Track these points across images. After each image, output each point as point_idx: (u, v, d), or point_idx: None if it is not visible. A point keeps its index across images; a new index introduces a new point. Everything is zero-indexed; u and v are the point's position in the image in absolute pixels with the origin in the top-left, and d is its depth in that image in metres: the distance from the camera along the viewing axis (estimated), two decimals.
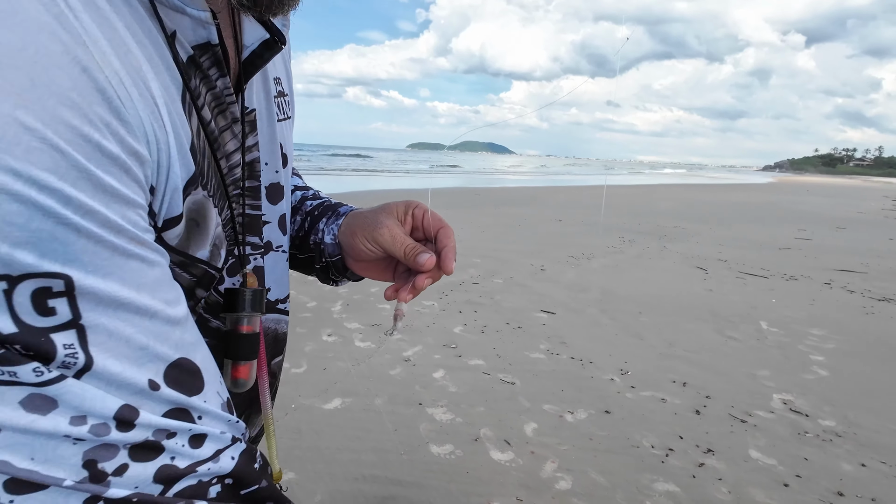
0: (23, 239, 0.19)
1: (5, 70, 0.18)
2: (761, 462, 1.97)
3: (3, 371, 0.20)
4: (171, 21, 0.28)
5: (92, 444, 0.22)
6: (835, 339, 3.38)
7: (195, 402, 0.26)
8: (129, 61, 0.24)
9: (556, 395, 2.45)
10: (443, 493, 1.72)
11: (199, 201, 0.31)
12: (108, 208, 0.21)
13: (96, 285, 0.21)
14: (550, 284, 4.53)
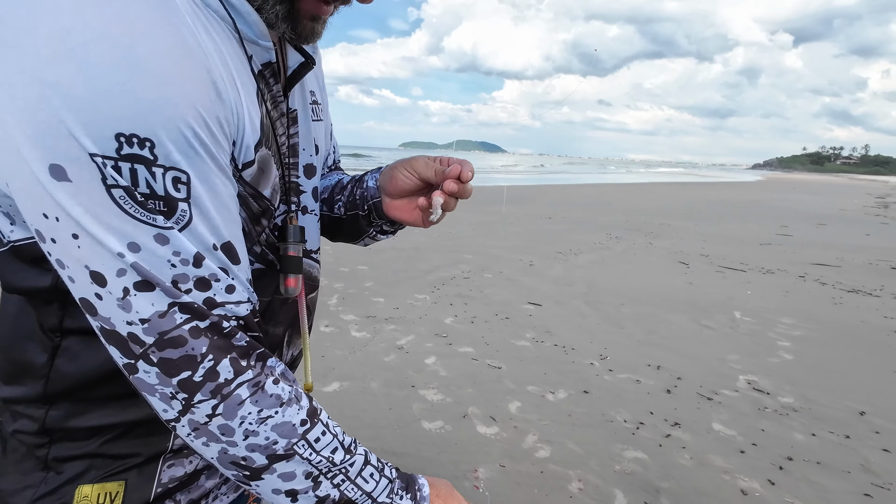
0: (175, 149, 0.35)
1: (176, 71, 0.35)
2: (722, 433, 2.17)
3: (147, 216, 0.36)
4: (250, 48, 0.45)
5: (179, 269, 0.37)
6: (802, 327, 3.61)
7: (233, 268, 0.42)
8: (228, 68, 0.41)
9: (540, 378, 2.64)
10: (433, 462, 1.90)
11: (265, 156, 0.46)
12: (217, 148, 0.38)
13: (199, 183, 0.38)
14: (538, 279, 4.72)
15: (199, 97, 0.36)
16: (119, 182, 0.34)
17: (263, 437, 0.41)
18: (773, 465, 1.95)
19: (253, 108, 0.44)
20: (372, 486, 0.46)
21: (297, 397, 0.44)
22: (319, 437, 0.44)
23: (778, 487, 1.82)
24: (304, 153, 0.56)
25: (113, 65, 0.32)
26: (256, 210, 0.47)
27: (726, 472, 1.90)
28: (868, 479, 1.89)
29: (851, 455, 2.04)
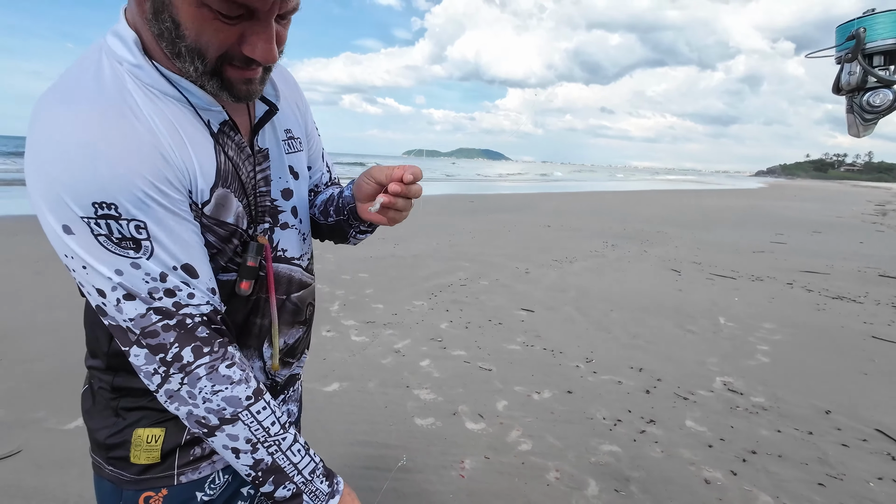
0: (131, 206, 0.51)
1: (124, 154, 0.50)
2: (693, 429, 2.34)
3: (123, 251, 0.52)
4: (205, 115, 0.60)
5: (150, 284, 0.54)
6: (782, 332, 3.77)
7: (192, 281, 0.57)
8: (178, 138, 0.55)
9: (527, 379, 2.82)
10: (423, 454, 2.07)
11: (222, 193, 0.61)
12: (167, 200, 0.53)
13: (154, 226, 0.53)
14: (532, 286, 4.90)
15: (146, 168, 0.52)
16: (101, 232, 0.52)
17: (216, 404, 0.58)
18: (737, 458, 2.11)
19: (206, 161, 0.59)
20: (298, 459, 0.62)
21: (246, 379, 0.60)
22: (260, 410, 0.60)
23: (739, 477, 1.98)
24: (279, 181, 0.71)
25: (83, 159, 0.50)
26: (223, 234, 0.62)
27: (693, 463, 2.07)
28: (824, 470, 2.05)
29: (811, 449, 2.20)
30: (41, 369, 2.71)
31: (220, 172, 0.60)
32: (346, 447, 2.09)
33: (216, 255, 0.63)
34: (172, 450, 0.67)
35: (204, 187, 0.58)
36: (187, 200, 0.57)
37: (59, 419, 2.24)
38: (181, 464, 0.67)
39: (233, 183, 0.62)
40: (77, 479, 1.85)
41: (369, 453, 2.06)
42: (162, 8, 0.51)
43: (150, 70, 0.55)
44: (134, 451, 0.66)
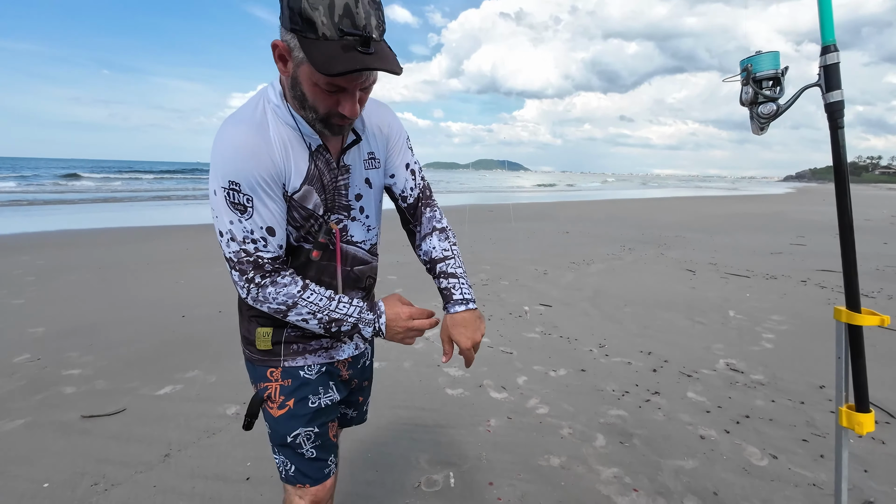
0: (246, 187, 0.88)
1: (251, 158, 0.88)
2: (694, 399, 2.62)
3: (237, 211, 0.89)
4: (308, 139, 0.94)
5: (244, 234, 0.90)
6: (789, 323, 3.98)
7: (269, 237, 0.91)
8: (286, 151, 0.92)
9: (544, 360, 3.14)
10: (454, 416, 2.42)
11: (307, 189, 0.94)
12: (267, 187, 0.90)
13: (256, 201, 0.89)
14: (550, 285, 5.21)
15: (260, 168, 0.88)
16: (228, 196, 0.88)
17: (280, 300, 0.94)
18: (732, 420, 2.39)
19: (301, 167, 0.94)
20: (345, 310, 0.97)
21: (294, 282, 0.94)
22: (310, 294, 0.94)
23: (731, 435, 2.26)
24: (355, 187, 1.04)
25: (231, 157, 0.87)
26: (304, 214, 0.97)
27: (691, 424, 2.36)
28: (809, 430, 2.31)
29: (801, 415, 2.46)
30: (126, 353, 3.18)
31: (308, 175, 0.95)
32: (389, 409, 2.46)
33: (298, 228, 0.97)
34: (278, 343, 1.06)
35: (296, 183, 0.94)
36: (281, 189, 0.92)
37: (150, 388, 2.69)
38: (286, 354, 1.06)
39: (316, 183, 0.96)
40: (174, 429, 2.27)
41: (409, 414, 2.42)
42: (296, 84, 0.87)
43: (283, 111, 0.93)
44: (258, 341, 1.06)
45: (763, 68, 1.04)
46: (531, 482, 1.90)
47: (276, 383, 1.06)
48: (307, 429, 1.07)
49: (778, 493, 1.84)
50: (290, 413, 1.06)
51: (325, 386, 1.10)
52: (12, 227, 9.28)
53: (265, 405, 1.08)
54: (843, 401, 1.10)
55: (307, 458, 1.08)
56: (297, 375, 1.06)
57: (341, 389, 1.15)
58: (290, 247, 1.00)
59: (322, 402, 1.09)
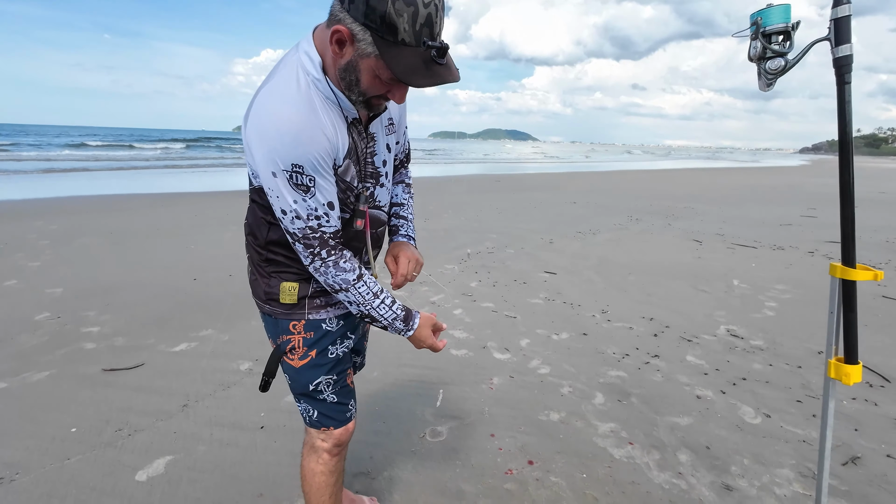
0: (308, 168, 0.91)
1: (310, 139, 0.90)
2: (693, 362, 2.68)
3: (300, 191, 0.92)
4: (347, 113, 0.96)
5: (309, 212, 0.94)
6: (793, 292, 4.00)
7: (330, 212, 0.96)
8: (334, 128, 0.94)
9: (547, 325, 3.21)
10: (459, 374, 2.51)
11: (348, 163, 0.98)
12: (325, 166, 0.94)
13: (319, 179, 0.93)
14: (556, 254, 5.24)
15: (319, 148, 0.91)
16: (291, 179, 0.90)
17: (337, 280, 1.00)
18: (728, 382, 2.46)
19: (344, 142, 0.96)
20: (383, 312, 1.03)
21: (353, 269, 1.00)
22: (360, 287, 1.01)
23: (727, 396, 2.33)
24: (380, 154, 1.08)
25: (290, 139, 0.88)
26: (343, 187, 1.01)
27: (688, 385, 2.43)
28: (804, 392, 2.37)
29: (797, 378, 2.52)
30: (142, 313, 3.29)
31: (349, 149, 0.98)
32: (396, 368, 2.55)
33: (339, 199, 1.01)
34: (303, 297, 1.10)
35: (340, 158, 0.97)
36: (333, 166, 0.95)
37: (167, 344, 2.80)
38: (310, 308, 1.11)
39: (353, 156, 1.00)
40: (191, 382, 2.38)
41: (415, 372, 2.51)
42: (351, 69, 0.87)
43: (324, 85, 0.92)
44: (282, 295, 1.09)
45: (773, 21, 1.02)
46: (531, 434, 1.99)
47: (298, 335, 1.11)
48: (328, 377, 1.14)
49: (768, 448, 1.91)
50: (313, 363, 1.12)
51: (344, 336, 1.16)
52: (25, 193, 9.39)
53: (285, 357, 1.13)
54: (832, 354, 1.14)
55: (329, 402, 1.15)
56: (319, 327, 1.12)
57: (357, 335, 1.23)
58: None
59: (340, 351, 1.16)
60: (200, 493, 1.63)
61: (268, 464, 1.78)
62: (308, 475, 1.20)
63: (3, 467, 1.74)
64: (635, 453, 1.88)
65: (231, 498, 1.61)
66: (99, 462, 1.78)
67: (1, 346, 2.73)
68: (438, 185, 12.98)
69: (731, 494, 1.66)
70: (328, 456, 1.19)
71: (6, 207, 7.54)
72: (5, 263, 4.38)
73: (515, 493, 1.65)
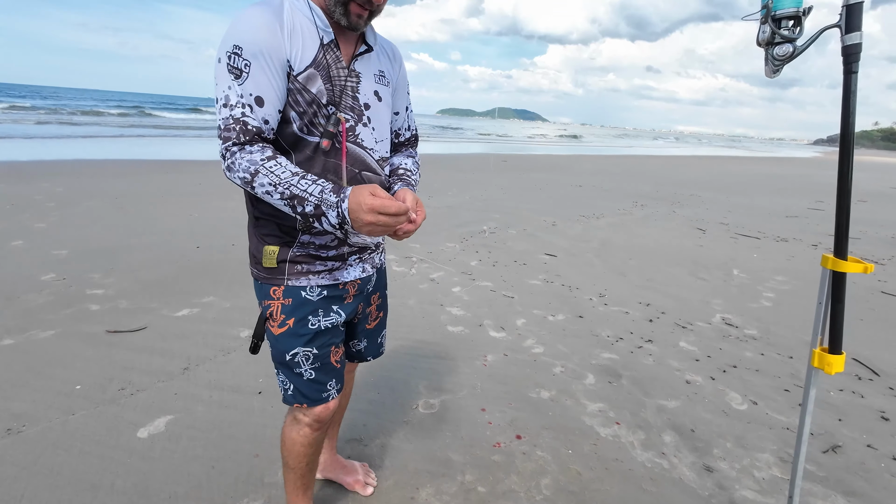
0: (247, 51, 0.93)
1: (259, 31, 0.93)
2: (685, 349, 2.72)
3: (232, 76, 0.93)
4: (321, 33, 0.99)
5: (234, 99, 0.94)
6: (792, 284, 4.00)
7: (256, 107, 0.94)
8: (298, 35, 0.97)
9: (544, 305, 3.24)
10: (454, 349, 2.56)
11: (311, 73, 0.97)
12: (268, 59, 0.94)
13: (255, 69, 0.93)
14: (557, 236, 5.24)
15: (266, 38, 0.92)
16: (229, 61, 0.92)
17: (244, 165, 0.92)
18: (718, 369, 2.50)
19: (308, 52, 0.97)
20: (306, 186, 0.91)
21: (262, 149, 0.93)
22: (273, 166, 0.91)
23: (716, 382, 2.37)
24: (364, 96, 1.06)
25: (241, 27, 0.93)
26: (307, 98, 0.98)
27: (678, 370, 2.47)
28: (793, 381, 2.41)
29: (787, 367, 2.55)
30: (146, 276, 3.34)
31: (315, 61, 0.98)
32: (392, 341, 2.60)
33: (302, 113, 0.98)
34: (283, 262, 1.08)
35: (301, 64, 0.97)
36: (283, 68, 0.95)
37: (170, 309, 2.85)
38: (289, 273, 1.08)
39: (322, 72, 0.99)
40: (193, 346, 2.44)
41: (410, 346, 2.56)
42: None
43: (302, 2, 0.98)
44: (264, 259, 1.08)
45: (784, 6, 1.01)
46: (521, 410, 2.04)
47: (277, 301, 1.08)
48: (305, 349, 1.10)
49: (752, 433, 1.96)
50: (290, 332, 1.09)
51: (327, 309, 1.12)
52: (33, 155, 9.39)
53: (268, 323, 1.10)
54: (817, 343, 1.16)
55: (305, 378, 1.11)
56: (297, 295, 1.08)
57: (347, 311, 1.17)
58: (293, 138, 1.00)
59: (322, 324, 1.11)
60: (199, 451, 1.69)
61: (264, 426, 1.84)
62: (288, 443, 1.20)
63: (11, 418, 1.81)
64: (621, 432, 1.93)
65: (228, 456, 1.67)
66: (102, 418, 1.84)
67: (8, 304, 2.79)
68: (444, 162, 12.88)
69: (711, 475, 1.71)
70: (309, 430, 1.17)
71: (14, 168, 7.57)
72: (12, 223, 4.42)
73: (502, 465, 1.71)
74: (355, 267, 1.16)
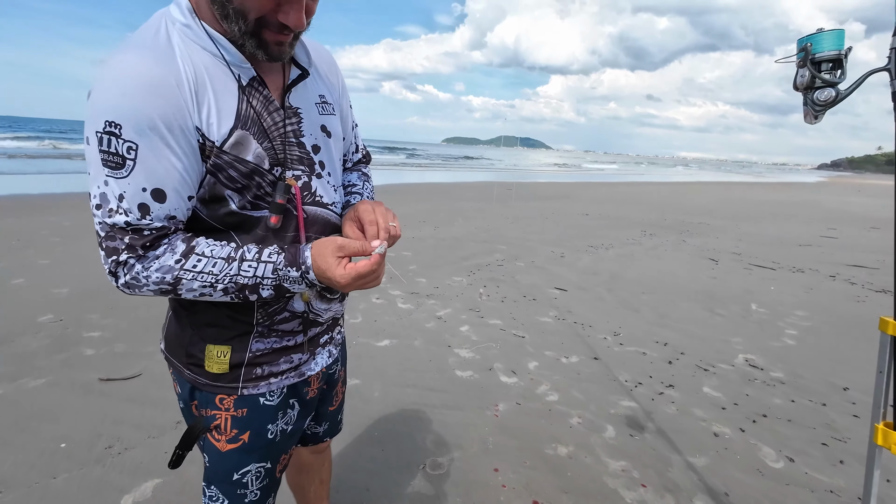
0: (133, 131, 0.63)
1: (143, 91, 0.62)
2: (709, 395, 2.55)
3: (112, 168, 0.64)
4: (237, 70, 0.71)
5: (116, 199, 0.65)
6: (814, 319, 3.84)
7: (156, 204, 0.67)
8: (202, 85, 0.66)
9: (557, 346, 3.10)
10: (463, 397, 2.41)
11: (242, 135, 0.70)
12: (163, 134, 0.64)
13: (147, 152, 0.64)
14: (566, 268, 5.12)
15: (160, 103, 0.64)
16: (101, 144, 0.63)
17: (156, 276, 0.69)
18: (748, 419, 2.33)
19: (227, 107, 0.70)
20: (254, 271, 0.71)
21: (170, 249, 0.69)
22: (196, 263, 0.70)
23: (746, 434, 2.20)
24: (310, 136, 0.81)
25: (113, 89, 0.63)
26: (244, 170, 0.72)
27: (704, 420, 2.30)
28: (829, 433, 2.23)
29: (821, 417, 2.38)
30: (145, 316, 3.25)
31: (239, 116, 0.71)
32: (398, 388, 2.47)
33: (241, 189, 0.73)
34: (238, 364, 0.82)
35: (222, 128, 0.69)
36: (191, 137, 0.67)
37: None
38: (245, 379, 0.83)
39: (252, 127, 0.72)
40: None
41: (417, 394, 2.42)
42: None
43: (197, 29, 0.69)
44: (207, 362, 0.82)
45: (824, 48, 0.93)
46: (536, 469, 1.89)
47: (227, 413, 0.84)
48: (259, 464, 0.89)
49: (792, 498, 1.79)
50: (244, 447, 0.86)
51: (286, 408, 0.90)
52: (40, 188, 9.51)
53: (209, 436, 0.86)
54: (880, 417, 1.03)
55: (248, 500, 0.90)
56: (255, 404, 0.85)
57: (306, 408, 0.96)
58: (235, 219, 0.76)
59: (281, 427, 0.90)
60: None
61: None
62: None
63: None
64: (647, 497, 1.76)
65: None
66: (86, 481, 1.71)
67: (2, 348, 2.69)
68: (449, 192, 12.92)
69: None
70: None
71: (24, 202, 7.63)
72: (16, 260, 4.38)
73: None
74: (323, 353, 0.95)
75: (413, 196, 11.35)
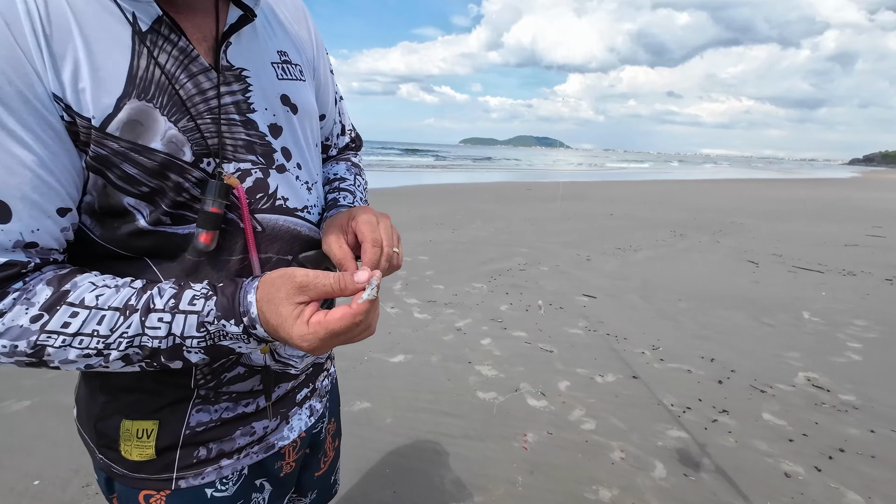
0: None
1: None
2: (771, 423, 2.21)
3: None
4: (132, 6, 0.45)
5: None
6: (877, 330, 3.42)
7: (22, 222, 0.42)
8: (62, 30, 0.41)
9: (589, 362, 2.78)
10: (486, 425, 2.13)
11: (141, 108, 0.45)
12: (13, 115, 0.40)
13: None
14: (593, 273, 4.78)
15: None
16: None
17: (5, 345, 0.42)
18: (822, 455, 1.98)
19: (110, 64, 0.44)
20: (166, 328, 0.45)
21: (23, 301, 0.43)
22: (68, 321, 0.43)
23: (824, 474, 1.86)
24: (265, 112, 0.55)
25: None
26: (151, 164, 0.46)
27: (770, 456, 1.96)
28: None
29: None
30: None
31: (133, 80, 0.45)
32: (412, 413, 2.19)
33: (151, 196, 0.48)
34: (171, 447, 0.57)
35: (105, 99, 0.44)
36: (50, 114, 0.42)
37: None
38: (182, 466, 0.58)
39: (160, 97, 0.47)
40: None
41: (433, 420, 2.15)
42: None
43: None
44: (124, 446, 0.56)
45: None
46: None
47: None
48: None
49: None
50: None
51: (249, 495, 0.64)
52: None
53: None
54: None
55: None
56: (200, 498, 0.59)
57: (282, 487, 0.70)
58: (145, 242, 0.50)
59: None
60: None
61: None
62: None
63: None
64: None
65: None
66: None
67: None
68: (466, 192, 12.63)
69: None
70: None
71: None
72: None
73: None
74: (301, 413, 0.69)
75: (427, 198, 11.10)
